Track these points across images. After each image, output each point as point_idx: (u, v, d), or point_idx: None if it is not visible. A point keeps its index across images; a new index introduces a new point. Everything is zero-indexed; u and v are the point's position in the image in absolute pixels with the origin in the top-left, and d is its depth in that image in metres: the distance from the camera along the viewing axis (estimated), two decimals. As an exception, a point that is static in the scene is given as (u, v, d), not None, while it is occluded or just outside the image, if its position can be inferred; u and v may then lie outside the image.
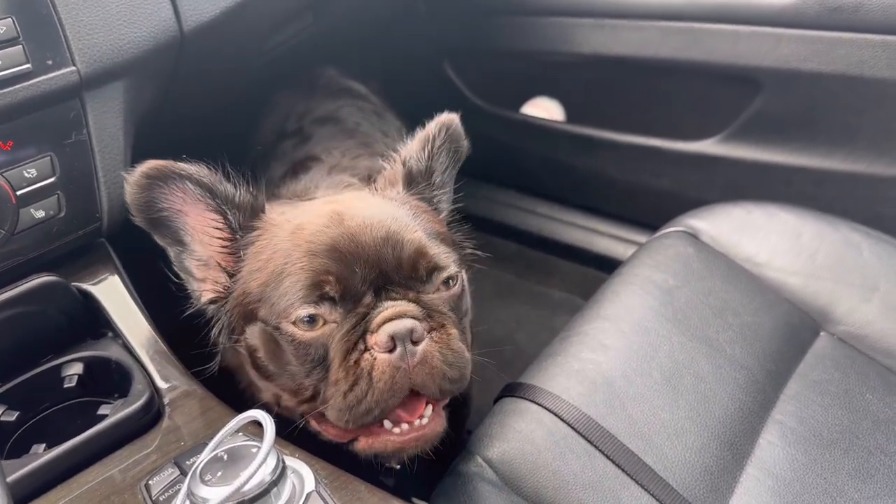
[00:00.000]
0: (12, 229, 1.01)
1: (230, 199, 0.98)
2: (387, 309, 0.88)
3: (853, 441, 1.12)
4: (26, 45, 0.97)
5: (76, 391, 1.06)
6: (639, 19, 1.86)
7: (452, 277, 0.96)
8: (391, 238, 0.92)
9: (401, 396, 0.88)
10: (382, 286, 0.91)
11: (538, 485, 1.02)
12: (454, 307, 0.97)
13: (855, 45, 1.59)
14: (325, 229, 0.93)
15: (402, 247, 0.92)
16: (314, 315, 0.90)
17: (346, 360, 0.88)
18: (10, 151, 0.99)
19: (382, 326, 0.86)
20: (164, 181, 0.94)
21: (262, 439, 0.69)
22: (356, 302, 0.90)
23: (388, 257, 0.91)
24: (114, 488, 0.88)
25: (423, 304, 0.92)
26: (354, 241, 0.91)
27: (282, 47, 1.64)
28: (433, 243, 0.96)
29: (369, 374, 0.87)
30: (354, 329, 0.88)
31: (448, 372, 0.90)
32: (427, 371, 0.88)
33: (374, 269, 0.90)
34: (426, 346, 0.88)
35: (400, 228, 0.94)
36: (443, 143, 1.09)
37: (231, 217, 0.99)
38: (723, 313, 1.29)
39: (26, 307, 1.04)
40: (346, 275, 0.89)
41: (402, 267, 0.92)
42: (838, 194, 1.78)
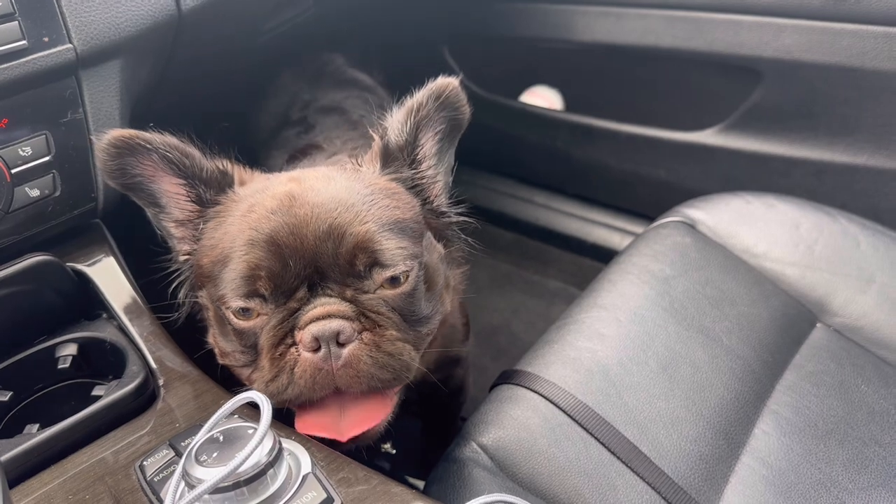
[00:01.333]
0: (7, 208, 1.00)
1: (197, 174, 0.97)
2: (316, 307, 0.86)
3: (848, 432, 1.12)
4: (22, 21, 0.96)
5: (70, 372, 1.05)
6: (642, 8, 1.85)
7: (399, 276, 0.90)
8: (333, 231, 0.87)
9: (324, 392, 0.87)
10: (318, 282, 0.87)
11: (533, 471, 1.02)
12: (402, 306, 0.91)
13: (857, 36, 1.58)
14: (271, 216, 0.89)
15: (343, 240, 0.86)
16: (246, 308, 0.89)
17: (273, 351, 0.88)
18: (5, 129, 0.98)
19: (308, 326, 0.85)
20: (132, 152, 0.94)
21: (259, 421, 0.69)
22: (289, 297, 0.87)
23: (326, 252, 0.86)
24: (108, 469, 0.87)
25: (360, 303, 0.88)
26: (295, 231, 0.87)
27: (281, 29, 1.63)
28: (384, 236, 0.89)
29: (292, 369, 0.86)
30: (282, 324, 0.87)
31: (378, 374, 0.87)
32: (352, 374, 0.86)
33: (309, 264, 0.86)
34: (353, 349, 0.85)
35: (346, 220, 0.88)
36: (432, 112, 0.99)
37: (198, 190, 0.98)
38: (720, 303, 1.29)
39: (20, 287, 1.03)
40: (278, 270, 0.86)
41: (339, 262, 0.87)
42: (837, 186, 1.78)
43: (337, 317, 0.85)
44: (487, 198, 2.52)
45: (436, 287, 0.99)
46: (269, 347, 0.88)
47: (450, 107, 1.00)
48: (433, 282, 0.98)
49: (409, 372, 0.90)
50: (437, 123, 1.01)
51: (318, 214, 0.88)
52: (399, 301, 0.90)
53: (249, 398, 0.72)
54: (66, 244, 1.14)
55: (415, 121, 0.99)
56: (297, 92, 1.76)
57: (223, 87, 1.69)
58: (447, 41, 2.34)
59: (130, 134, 0.93)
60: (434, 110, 0.99)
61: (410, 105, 0.99)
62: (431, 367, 1.25)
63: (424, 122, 0.99)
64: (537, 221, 2.43)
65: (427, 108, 0.98)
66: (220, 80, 1.48)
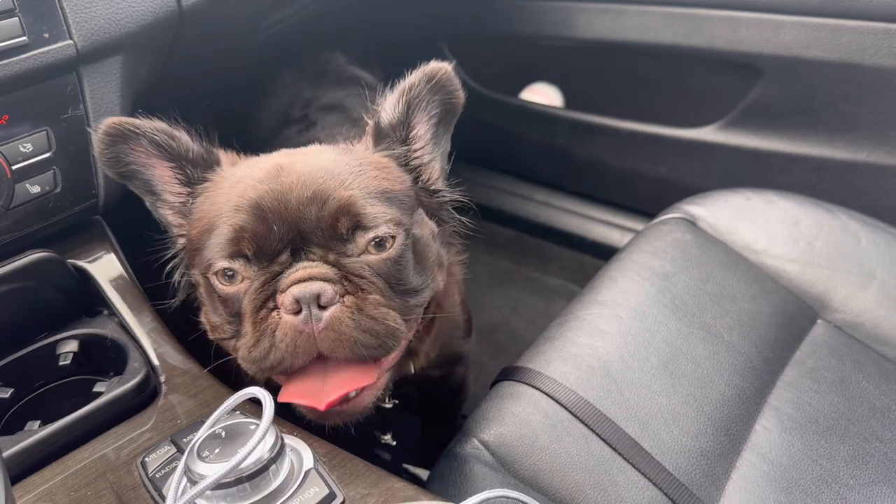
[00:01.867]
0: (7, 204, 1.00)
1: (183, 155, 0.99)
2: (298, 270, 0.86)
3: (849, 428, 1.12)
4: (23, 17, 0.95)
5: (71, 368, 1.05)
6: (641, 5, 1.85)
7: (383, 239, 0.89)
8: (317, 195, 0.87)
9: (307, 358, 0.86)
10: (301, 246, 0.87)
11: (535, 467, 1.02)
12: (388, 273, 0.90)
13: (857, 32, 1.58)
14: (257, 184, 0.90)
15: (326, 204, 0.87)
16: (231, 269, 0.89)
17: (255, 316, 0.87)
18: (6, 126, 0.98)
19: (290, 288, 0.84)
20: (124, 138, 0.96)
21: (261, 417, 0.69)
22: (271, 260, 0.88)
23: (309, 216, 0.86)
24: (109, 465, 0.87)
25: (342, 266, 0.87)
26: (280, 197, 0.87)
27: (280, 26, 1.63)
28: (369, 201, 0.89)
29: (273, 333, 0.86)
30: (264, 287, 0.87)
31: (361, 338, 0.85)
32: (333, 337, 0.84)
33: (293, 227, 0.87)
34: (335, 310, 0.84)
35: (331, 186, 0.88)
36: (424, 93, 0.99)
37: (186, 170, 0.99)
38: (720, 300, 1.29)
39: (21, 283, 1.03)
40: (262, 232, 0.87)
41: (322, 225, 0.87)
42: (837, 183, 1.78)
43: (319, 279, 0.84)
44: (487, 195, 2.52)
45: (426, 261, 0.98)
46: (251, 311, 0.88)
47: (443, 90, 1.00)
48: (423, 255, 0.97)
49: (394, 339, 0.88)
50: (432, 107, 1.02)
51: (304, 182, 0.89)
52: (384, 267, 0.90)
53: (251, 394, 0.72)
54: (67, 241, 1.14)
55: (406, 99, 1.00)
56: (298, 90, 1.76)
57: (224, 85, 1.69)
58: (447, 38, 2.34)
59: (121, 121, 0.95)
60: (427, 92, 0.99)
61: (403, 86, 1.00)
62: (433, 363, 1.25)
63: (416, 102, 1.00)
64: (537, 218, 2.43)
65: (419, 89, 0.99)
66: (221, 77, 1.48)
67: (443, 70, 0.99)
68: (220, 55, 1.52)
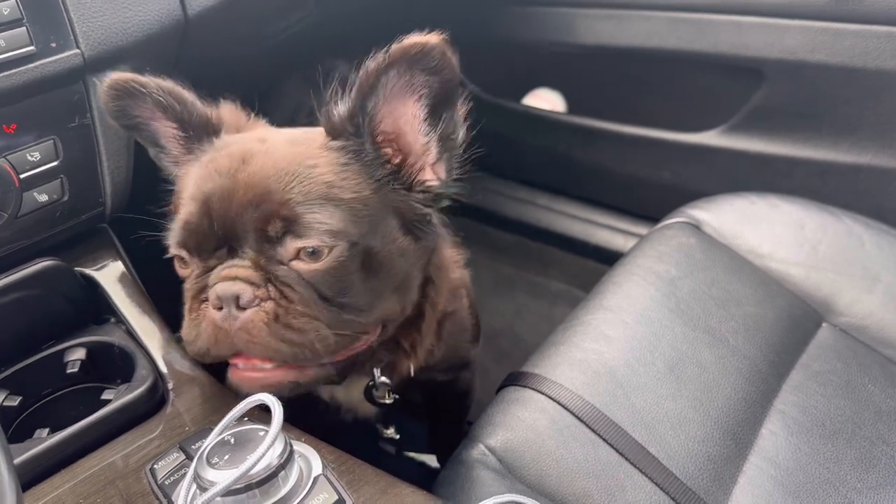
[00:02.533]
0: (15, 213, 1.00)
1: (187, 119, 0.98)
2: (226, 268, 0.87)
3: (855, 431, 1.12)
4: (30, 27, 0.96)
5: (79, 376, 1.05)
6: (644, 10, 1.86)
7: (317, 249, 0.86)
8: (257, 198, 0.86)
9: (228, 351, 0.88)
10: (236, 245, 0.88)
11: (541, 473, 1.02)
12: (319, 282, 0.87)
13: (859, 36, 1.59)
14: (216, 177, 0.90)
15: (260, 207, 0.86)
16: (180, 256, 0.92)
17: (192, 303, 0.90)
18: (14, 134, 0.98)
19: (215, 285, 0.86)
20: (130, 95, 0.96)
21: (270, 423, 0.69)
22: (210, 254, 0.90)
23: (244, 217, 0.86)
24: (118, 473, 0.87)
25: (270, 272, 0.86)
26: (226, 195, 0.87)
27: (284, 34, 1.63)
28: (307, 208, 0.85)
29: (200, 323, 0.89)
30: (199, 279, 0.89)
31: (273, 344, 0.85)
32: (247, 339, 0.85)
33: (230, 227, 0.87)
34: (250, 314, 0.85)
35: (274, 188, 0.86)
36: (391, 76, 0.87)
37: (188, 134, 0.99)
38: (725, 304, 1.29)
39: (29, 291, 1.04)
40: (203, 228, 0.88)
41: (254, 228, 0.86)
42: (841, 186, 1.79)
43: (243, 280, 0.85)
44: (490, 200, 2.53)
45: (383, 279, 0.93)
46: (189, 300, 0.91)
47: (425, 69, 0.86)
48: (379, 271, 0.92)
49: (312, 351, 0.87)
50: (417, 87, 0.89)
51: (253, 181, 0.88)
52: (315, 277, 0.87)
53: (260, 401, 0.72)
54: (74, 249, 1.14)
55: (358, 88, 0.89)
56: (304, 98, 1.76)
57: (231, 90, 1.69)
58: (450, 44, 2.34)
59: (127, 77, 0.95)
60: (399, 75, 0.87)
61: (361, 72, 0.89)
62: (439, 367, 1.25)
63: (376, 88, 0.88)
64: (540, 223, 2.43)
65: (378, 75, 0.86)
66: (226, 85, 1.48)
67: (417, 47, 0.85)
68: (226, 63, 1.52)
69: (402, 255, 0.95)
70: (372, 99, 0.89)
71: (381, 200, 0.92)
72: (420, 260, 1.00)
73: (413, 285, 1.00)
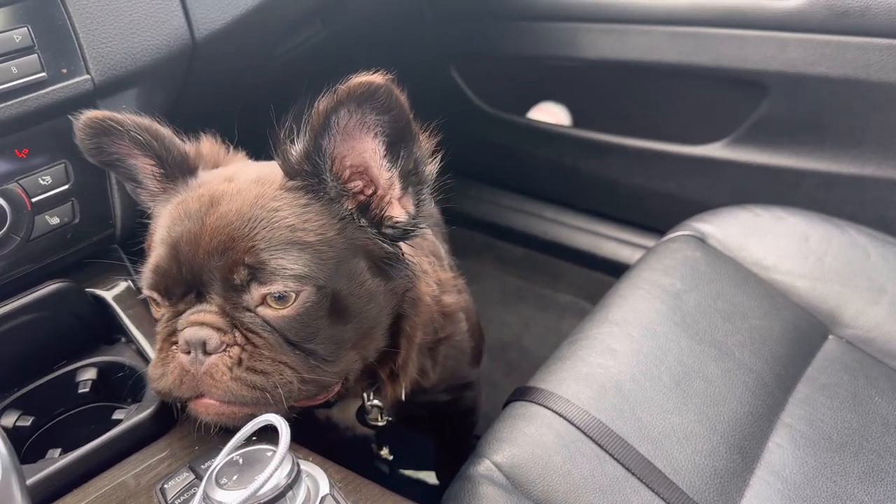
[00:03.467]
0: (28, 236, 1.02)
1: (164, 156, 0.99)
2: (194, 313, 0.89)
3: (863, 444, 1.12)
4: (41, 53, 0.98)
5: (90, 396, 1.06)
6: (646, 24, 1.87)
7: (284, 294, 0.86)
8: (221, 244, 0.87)
9: (192, 394, 0.89)
10: (204, 291, 0.90)
11: (548, 488, 1.03)
12: (285, 328, 0.88)
13: (861, 48, 1.59)
14: (184, 221, 0.91)
15: (225, 254, 0.87)
16: (152, 298, 0.94)
17: (163, 344, 0.92)
18: (26, 159, 1.00)
19: (184, 329, 0.88)
20: (106, 133, 0.97)
21: (278, 444, 0.70)
22: (179, 299, 0.91)
23: (210, 265, 0.88)
24: (129, 493, 0.88)
25: (236, 318, 0.88)
26: (193, 241, 0.89)
27: (292, 54, 1.65)
28: (271, 254, 0.86)
29: (168, 364, 0.90)
30: (169, 322, 0.91)
31: (235, 389, 0.86)
32: (211, 383, 0.87)
33: (196, 275, 0.89)
34: (215, 359, 0.87)
35: (238, 235, 0.87)
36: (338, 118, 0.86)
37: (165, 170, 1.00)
38: (731, 317, 1.29)
39: (41, 313, 1.05)
40: (172, 273, 0.90)
41: (219, 277, 0.88)
42: (846, 198, 1.79)
43: (209, 326, 0.87)
44: (497, 213, 2.54)
45: (352, 320, 0.93)
46: (160, 341, 0.92)
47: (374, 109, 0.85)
48: (345, 316, 0.92)
49: (273, 396, 0.86)
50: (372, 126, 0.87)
51: (219, 226, 0.88)
52: (283, 324, 0.87)
53: (268, 421, 0.73)
54: (85, 270, 1.16)
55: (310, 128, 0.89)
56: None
57: (238, 113, 1.72)
58: (454, 59, 2.36)
59: (104, 115, 0.96)
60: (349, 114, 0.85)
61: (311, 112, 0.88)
62: (438, 389, 1.26)
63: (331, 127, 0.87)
64: (547, 236, 2.44)
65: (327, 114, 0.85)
66: (235, 106, 1.50)
67: (362, 88, 0.83)
68: (235, 86, 1.54)
69: (371, 298, 0.94)
70: (325, 137, 0.88)
71: (346, 240, 0.92)
72: (391, 302, 0.99)
73: (377, 334, 0.99)
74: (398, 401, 1.14)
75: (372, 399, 1.12)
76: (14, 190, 0.99)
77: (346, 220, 0.92)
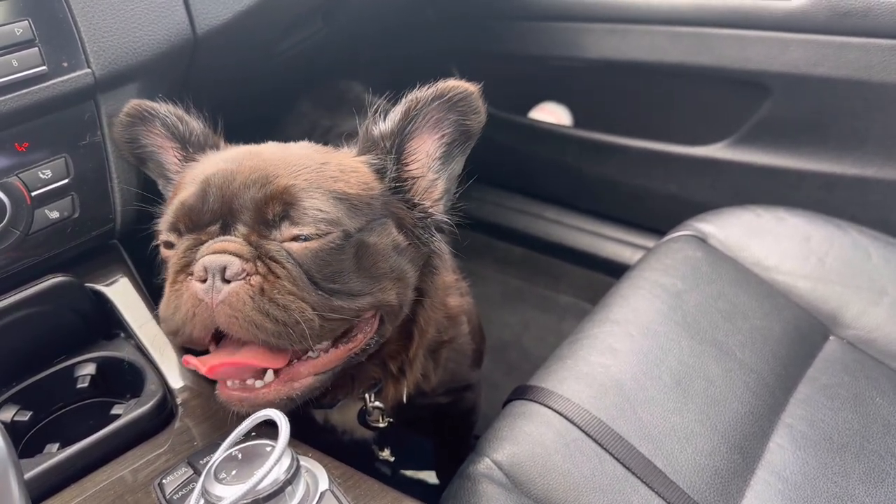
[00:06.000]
0: (27, 230, 1.01)
1: (187, 137, 1.04)
2: (217, 242, 0.86)
3: (864, 445, 1.11)
4: (42, 47, 0.98)
5: (89, 391, 1.06)
6: (648, 24, 1.87)
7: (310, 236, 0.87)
8: (259, 180, 0.88)
9: (204, 329, 0.85)
10: (230, 222, 0.88)
11: (548, 487, 1.02)
12: (309, 264, 0.87)
13: (863, 49, 1.59)
14: (220, 163, 0.93)
15: (261, 188, 0.87)
16: (169, 240, 0.92)
17: (174, 278, 0.88)
18: (26, 153, 1.00)
19: (203, 257, 0.85)
20: (142, 120, 1.05)
21: (277, 439, 0.70)
22: (202, 229, 0.89)
23: (244, 196, 0.87)
24: (127, 487, 0.88)
25: (260, 247, 0.86)
26: (228, 177, 0.89)
27: (292, 51, 1.65)
28: (308, 195, 0.87)
29: (181, 295, 0.86)
30: (187, 253, 0.88)
31: (256, 320, 0.82)
32: (229, 313, 0.82)
33: (227, 204, 0.88)
34: (235, 286, 0.82)
35: (278, 174, 0.89)
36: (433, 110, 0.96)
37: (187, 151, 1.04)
38: (732, 317, 1.29)
39: (40, 307, 1.05)
40: (197, 206, 0.89)
41: (251, 207, 0.87)
42: (847, 199, 1.78)
43: (231, 253, 0.84)
44: (498, 214, 2.54)
45: (374, 270, 0.93)
46: (172, 274, 0.88)
47: (458, 111, 0.97)
48: (370, 263, 0.93)
49: (297, 329, 0.84)
50: (444, 125, 0.98)
51: (258, 167, 0.90)
52: (305, 257, 0.87)
53: (267, 416, 0.73)
54: (85, 265, 1.15)
55: (404, 111, 0.97)
56: (318, 119, 1.78)
57: (239, 111, 1.72)
58: (456, 59, 2.36)
59: (140, 103, 1.05)
60: (436, 110, 0.96)
61: (408, 98, 0.98)
62: (438, 392, 1.26)
63: (419, 116, 0.97)
64: (548, 237, 2.44)
65: (423, 104, 0.96)
66: (236, 105, 1.50)
67: (459, 90, 0.96)
68: (235, 81, 1.54)
69: (397, 249, 0.96)
70: (412, 124, 0.97)
71: (383, 205, 0.96)
72: (416, 260, 1.00)
73: (409, 281, 1.00)
74: (399, 403, 1.14)
75: (373, 401, 1.12)
76: (14, 184, 0.99)
77: (388, 193, 0.98)
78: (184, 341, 0.89)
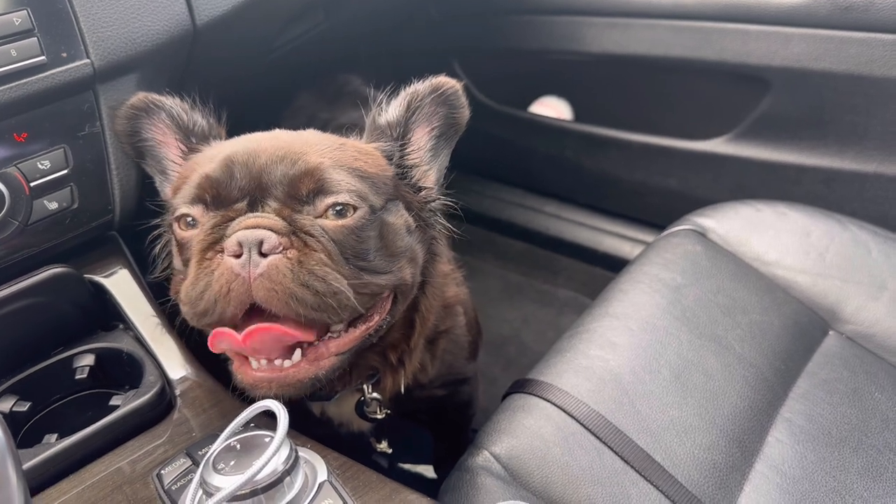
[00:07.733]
0: (26, 220, 1.01)
1: (190, 128, 1.05)
2: (249, 218, 0.85)
3: (862, 439, 1.11)
4: (41, 37, 0.97)
5: (88, 382, 1.06)
6: (649, 18, 1.86)
7: (344, 207, 0.88)
8: (287, 156, 0.88)
9: (238, 306, 0.82)
10: (260, 198, 0.87)
11: (546, 480, 1.02)
12: (343, 241, 0.88)
13: (865, 44, 1.59)
14: (237, 143, 0.94)
15: (293, 165, 0.87)
16: (189, 214, 0.90)
17: (201, 256, 0.86)
18: (25, 143, 1.00)
19: (236, 233, 0.83)
20: (146, 112, 1.06)
21: (275, 429, 0.70)
22: (228, 206, 0.88)
23: (274, 172, 0.87)
24: (125, 478, 0.88)
25: (294, 222, 0.86)
26: (252, 153, 0.89)
27: (293, 44, 1.65)
28: (336, 171, 0.89)
29: (212, 273, 0.83)
30: (214, 230, 0.86)
31: (297, 292, 0.81)
32: (268, 286, 0.80)
33: (256, 179, 0.87)
34: (274, 259, 0.81)
35: (302, 151, 0.90)
36: (427, 103, 1.03)
37: (190, 142, 1.05)
38: (731, 312, 1.29)
39: (39, 298, 1.05)
40: (223, 180, 0.87)
41: (284, 183, 0.87)
42: (847, 194, 1.78)
43: (267, 228, 0.83)
44: (497, 208, 2.53)
45: (394, 249, 0.95)
46: (198, 252, 0.86)
47: (447, 105, 1.04)
48: (390, 242, 0.94)
49: (335, 300, 0.83)
50: (434, 119, 1.05)
51: (280, 146, 0.91)
52: (339, 234, 0.87)
53: (266, 407, 0.73)
54: (84, 256, 1.15)
55: (407, 102, 1.03)
56: (316, 111, 1.78)
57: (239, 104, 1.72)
58: (457, 54, 2.36)
59: (146, 95, 1.06)
60: (430, 103, 1.03)
61: (408, 91, 1.04)
62: (435, 383, 1.26)
63: (418, 108, 1.04)
64: (547, 231, 2.44)
65: (422, 97, 1.03)
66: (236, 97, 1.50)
67: (449, 85, 1.03)
68: (235, 74, 1.54)
69: (409, 230, 1.00)
70: (416, 117, 1.04)
71: (394, 187, 1.00)
72: (423, 242, 1.04)
73: (419, 262, 1.03)
74: (396, 394, 1.14)
75: (371, 392, 1.12)
76: (12, 174, 0.98)
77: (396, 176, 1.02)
78: (213, 321, 0.85)
